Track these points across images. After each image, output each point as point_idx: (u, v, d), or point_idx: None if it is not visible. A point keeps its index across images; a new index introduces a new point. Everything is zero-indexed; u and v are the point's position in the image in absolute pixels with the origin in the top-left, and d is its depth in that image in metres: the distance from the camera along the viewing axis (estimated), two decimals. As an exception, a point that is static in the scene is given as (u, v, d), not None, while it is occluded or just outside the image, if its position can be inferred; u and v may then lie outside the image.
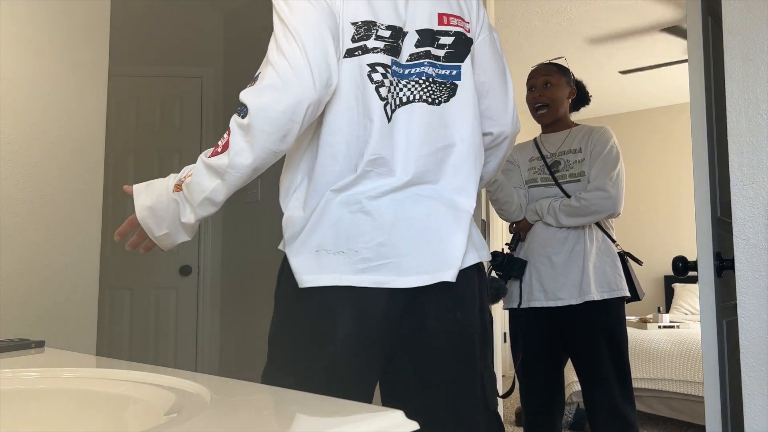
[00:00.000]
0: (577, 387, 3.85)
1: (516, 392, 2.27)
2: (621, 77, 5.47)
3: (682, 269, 2.02)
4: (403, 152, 1.12)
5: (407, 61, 1.14)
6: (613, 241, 2.21)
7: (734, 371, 1.70)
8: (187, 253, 3.59)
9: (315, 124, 1.14)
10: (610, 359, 2.09)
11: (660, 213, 6.35)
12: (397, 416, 0.55)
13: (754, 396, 1.28)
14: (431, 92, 1.15)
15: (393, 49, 1.12)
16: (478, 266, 1.20)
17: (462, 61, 1.18)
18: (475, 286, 1.18)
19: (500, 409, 2.69)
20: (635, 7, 4.05)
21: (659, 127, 6.45)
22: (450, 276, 1.10)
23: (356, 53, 1.10)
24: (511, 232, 2.35)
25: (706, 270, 1.63)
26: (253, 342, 3.27)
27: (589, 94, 2.42)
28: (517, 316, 2.25)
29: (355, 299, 1.08)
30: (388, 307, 1.09)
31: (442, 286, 1.11)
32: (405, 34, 1.14)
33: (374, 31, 1.11)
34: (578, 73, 5.23)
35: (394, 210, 1.10)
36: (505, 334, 5.71)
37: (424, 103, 1.14)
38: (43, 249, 1.78)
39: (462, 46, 1.19)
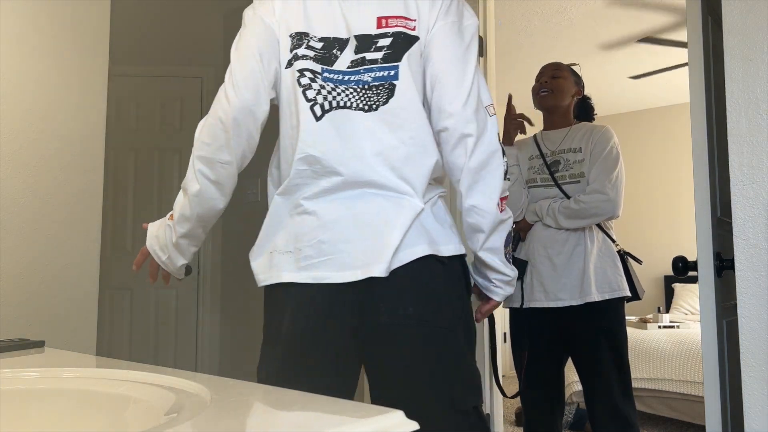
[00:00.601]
0: (577, 387, 3.85)
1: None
2: (621, 78, 5.47)
3: (682, 269, 2.02)
4: (340, 153, 1.16)
5: (348, 67, 1.19)
6: (613, 240, 2.21)
7: (734, 371, 1.70)
8: (187, 253, 3.59)
9: None
10: (611, 359, 2.09)
11: (660, 213, 6.35)
12: (397, 416, 0.55)
13: (754, 396, 1.28)
14: (368, 99, 1.18)
15: (323, 59, 1.20)
16: (441, 259, 1.16)
17: (400, 60, 1.18)
18: (428, 279, 1.15)
19: (500, 409, 2.69)
20: (636, 6, 4.05)
21: (659, 127, 6.45)
22: (378, 271, 1.11)
23: (292, 62, 1.21)
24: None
25: (706, 270, 1.63)
26: (253, 342, 3.27)
27: (594, 111, 2.42)
28: (518, 316, 2.25)
29: (298, 295, 1.16)
30: (332, 303, 1.14)
31: (390, 281, 1.12)
32: (346, 42, 1.20)
33: (306, 41, 1.21)
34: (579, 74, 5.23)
35: (335, 209, 1.17)
36: (505, 334, 5.71)
37: (361, 111, 1.17)
38: (43, 249, 1.78)
39: (401, 45, 1.18)
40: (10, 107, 1.73)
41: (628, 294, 2.15)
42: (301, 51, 1.20)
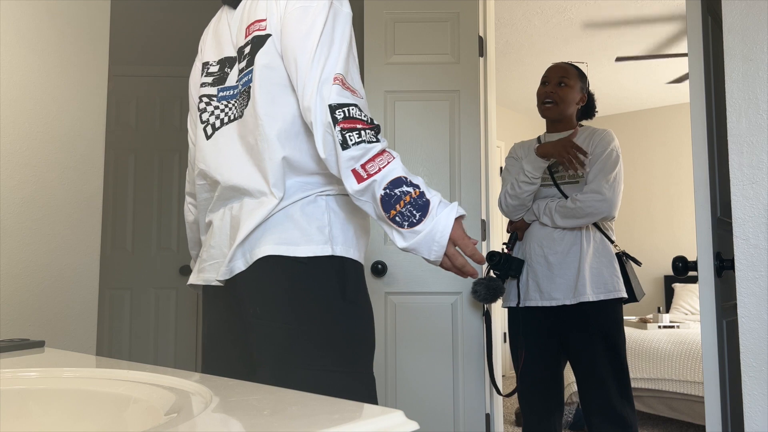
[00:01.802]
0: (577, 387, 3.85)
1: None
2: (621, 78, 5.47)
3: (682, 269, 2.02)
4: (218, 162, 1.24)
5: (236, 81, 1.25)
6: (612, 241, 2.22)
7: (734, 371, 1.70)
8: (186, 253, 3.59)
9: None
10: (607, 360, 2.09)
11: (660, 213, 6.35)
12: (397, 416, 0.55)
13: (754, 396, 1.28)
14: (240, 106, 1.23)
15: (219, 79, 1.29)
16: (299, 259, 1.13)
17: (253, 63, 1.19)
18: (273, 279, 1.13)
19: (500, 409, 2.69)
20: (636, 6, 4.05)
21: (659, 127, 6.45)
22: (221, 275, 1.19)
23: (199, 89, 1.33)
24: (508, 232, 2.36)
25: (706, 270, 1.63)
26: (253, 342, 3.27)
27: (595, 110, 2.42)
28: (514, 315, 2.26)
29: (203, 295, 1.33)
30: (221, 302, 1.26)
31: (240, 282, 1.17)
32: (234, 59, 1.27)
33: (206, 69, 1.32)
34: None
35: (220, 217, 1.26)
36: (504, 334, 5.71)
37: (238, 119, 1.23)
38: (43, 249, 1.78)
39: (255, 47, 1.20)
40: (10, 107, 1.73)
41: (624, 295, 2.15)
42: (203, 79, 1.32)
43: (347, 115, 1.09)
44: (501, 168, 6.86)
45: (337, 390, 1.09)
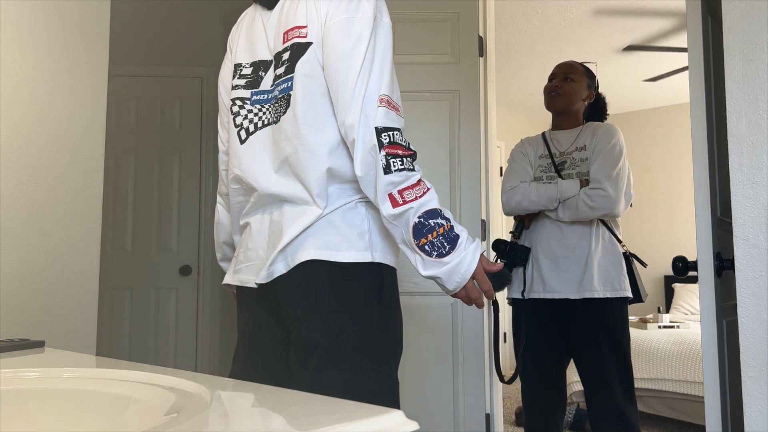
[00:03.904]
0: (578, 387, 3.85)
1: (518, 393, 2.27)
2: (621, 78, 5.47)
3: (682, 269, 2.01)
4: (254, 169, 1.25)
5: (271, 86, 1.25)
6: (620, 241, 2.21)
7: (734, 371, 1.70)
8: (187, 253, 3.59)
9: None
10: (612, 359, 2.09)
11: (660, 213, 6.35)
12: (397, 416, 0.55)
13: (754, 396, 1.28)
14: (276, 111, 1.23)
15: (253, 82, 1.29)
16: (340, 265, 1.15)
17: (293, 71, 1.18)
18: (314, 283, 1.15)
19: (500, 409, 2.69)
20: (636, 6, 4.05)
21: (659, 127, 6.45)
22: (260, 278, 1.19)
23: (231, 92, 1.33)
24: (515, 219, 2.33)
25: (706, 270, 1.63)
26: (253, 342, 3.27)
27: (606, 112, 2.39)
28: (518, 306, 2.25)
29: (237, 294, 1.34)
30: (256, 303, 1.27)
31: (281, 285, 1.18)
32: (270, 63, 1.27)
33: (239, 71, 1.32)
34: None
35: (259, 220, 1.27)
36: (505, 334, 5.70)
37: (273, 125, 1.23)
38: (43, 249, 1.78)
39: (295, 55, 1.18)
40: (10, 107, 1.73)
41: (630, 295, 2.14)
42: (235, 81, 1.32)
43: (392, 140, 1.12)
44: (501, 168, 6.85)
45: (367, 392, 1.12)
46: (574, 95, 2.27)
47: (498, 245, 2.21)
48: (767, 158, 1.29)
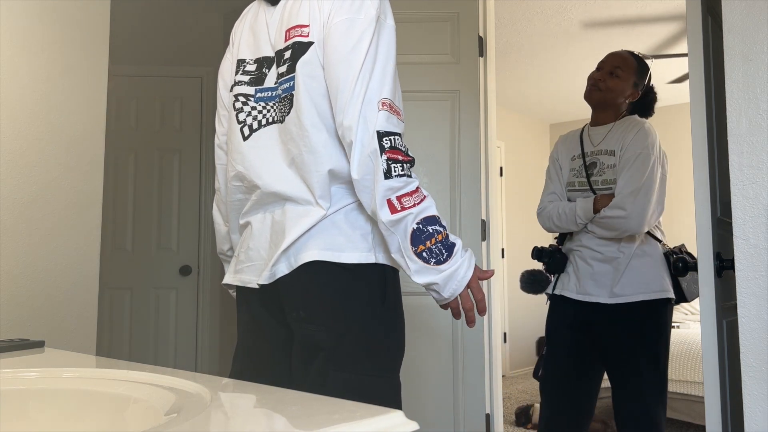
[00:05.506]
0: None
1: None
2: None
3: (682, 269, 2.01)
4: (257, 167, 1.23)
5: (275, 83, 1.24)
6: (659, 240, 2.09)
7: (734, 371, 1.70)
8: (187, 253, 3.59)
9: None
10: (645, 363, 1.97)
11: (660, 213, 6.34)
12: (397, 416, 0.55)
13: (754, 396, 1.28)
14: (281, 111, 1.21)
15: (257, 79, 1.27)
16: (343, 266, 1.14)
17: (294, 71, 1.17)
18: (318, 283, 1.14)
19: (500, 409, 2.69)
20: (637, 6, 4.05)
21: (659, 127, 6.44)
22: (262, 279, 1.18)
23: (233, 88, 1.30)
24: None
25: (706, 270, 1.63)
26: (253, 342, 3.27)
27: (652, 110, 2.24)
28: (551, 308, 2.19)
29: (237, 294, 1.34)
30: (259, 303, 1.26)
31: (284, 286, 1.17)
32: (273, 60, 1.25)
33: (242, 67, 1.30)
34: (579, 74, 5.24)
35: (260, 220, 1.25)
36: (504, 334, 5.71)
37: (278, 123, 1.22)
38: (43, 249, 1.78)
39: (296, 55, 1.17)
40: (10, 107, 1.73)
41: (670, 296, 2.02)
42: (238, 77, 1.30)
43: (393, 144, 1.10)
44: (501, 168, 6.83)
45: (370, 393, 1.11)
46: (614, 92, 2.12)
47: (539, 252, 2.17)
48: (767, 158, 1.29)
